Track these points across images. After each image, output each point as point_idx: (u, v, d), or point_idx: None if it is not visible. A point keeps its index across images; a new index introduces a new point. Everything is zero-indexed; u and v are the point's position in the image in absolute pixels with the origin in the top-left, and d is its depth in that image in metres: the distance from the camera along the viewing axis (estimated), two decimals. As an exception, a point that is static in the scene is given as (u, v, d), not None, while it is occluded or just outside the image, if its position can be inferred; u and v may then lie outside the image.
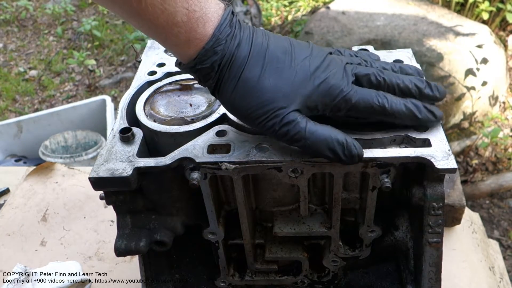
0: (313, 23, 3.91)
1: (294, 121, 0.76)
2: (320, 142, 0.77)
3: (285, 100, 0.76)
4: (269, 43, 0.78)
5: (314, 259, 1.01)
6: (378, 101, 0.79)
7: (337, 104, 0.78)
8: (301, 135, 0.76)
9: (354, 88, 0.79)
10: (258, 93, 0.76)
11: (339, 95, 0.77)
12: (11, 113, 4.23)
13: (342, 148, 0.77)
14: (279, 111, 0.76)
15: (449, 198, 1.25)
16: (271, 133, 0.79)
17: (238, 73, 0.76)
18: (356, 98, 0.78)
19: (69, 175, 1.57)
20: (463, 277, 1.22)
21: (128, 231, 0.92)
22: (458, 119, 3.49)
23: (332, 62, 0.80)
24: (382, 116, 0.80)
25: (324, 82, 0.77)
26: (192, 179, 0.81)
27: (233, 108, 0.80)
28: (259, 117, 0.77)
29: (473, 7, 3.95)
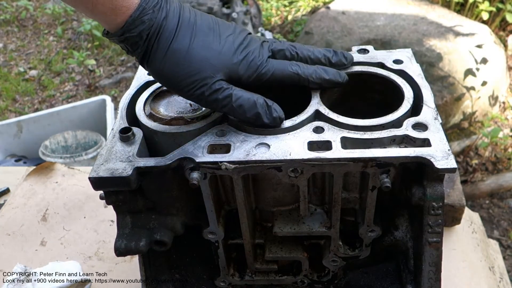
0: (313, 23, 3.91)
1: (221, 88, 0.84)
2: (245, 105, 0.84)
3: (212, 70, 0.83)
4: (196, 19, 0.85)
5: (314, 259, 1.01)
6: (292, 69, 0.89)
7: (258, 75, 0.87)
8: (228, 100, 0.84)
9: (271, 61, 0.89)
10: (187, 63, 0.82)
11: (259, 67, 0.87)
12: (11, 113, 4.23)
13: (265, 111, 0.85)
14: (207, 80, 0.83)
15: (449, 198, 1.25)
16: (200, 101, 0.86)
17: (167, 44, 0.81)
18: (274, 69, 0.88)
19: (69, 175, 1.57)
20: (463, 277, 1.22)
21: (128, 231, 0.92)
22: (458, 119, 3.49)
23: (252, 41, 0.89)
24: (297, 81, 0.90)
25: (246, 57, 0.86)
26: (192, 179, 0.81)
27: (163, 77, 0.85)
28: (188, 85, 0.83)
29: (473, 7, 3.95)
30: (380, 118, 0.86)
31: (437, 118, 0.85)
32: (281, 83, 0.90)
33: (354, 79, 0.99)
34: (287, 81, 0.90)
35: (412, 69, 0.97)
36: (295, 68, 0.90)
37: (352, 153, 0.80)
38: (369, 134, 0.84)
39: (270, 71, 0.88)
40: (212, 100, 0.84)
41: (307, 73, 0.90)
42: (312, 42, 3.78)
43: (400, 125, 0.85)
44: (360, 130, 0.85)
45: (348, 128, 0.85)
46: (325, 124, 0.86)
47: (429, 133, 0.83)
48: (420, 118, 0.86)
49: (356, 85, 1.00)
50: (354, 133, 0.84)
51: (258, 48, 0.88)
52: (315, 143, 0.83)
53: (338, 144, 0.82)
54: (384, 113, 0.87)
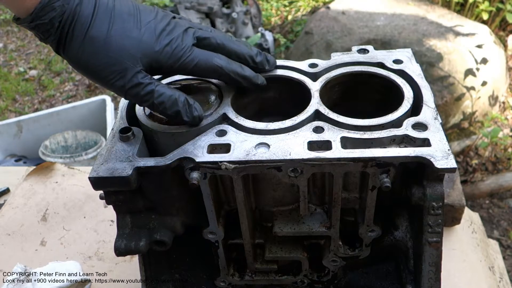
0: (313, 23, 3.91)
1: (143, 83, 0.81)
2: (166, 103, 0.83)
3: (132, 60, 0.80)
4: (114, 4, 0.81)
5: (314, 259, 1.01)
6: (217, 62, 0.86)
7: (181, 64, 0.84)
8: (149, 96, 0.82)
9: (196, 50, 0.85)
10: (105, 52, 0.79)
11: (182, 56, 0.83)
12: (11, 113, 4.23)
13: (185, 110, 0.84)
14: (127, 72, 0.80)
15: (449, 198, 1.25)
16: (121, 93, 0.83)
17: (83, 31, 0.78)
18: (197, 59, 0.85)
19: (69, 175, 1.57)
20: (463, 277, 1.22)
21: (128, 231, 0.92)
22: (458, 119, 3.49)
23: (177, 26, 0.85)
24: (218, 75, 0.88)
25: (169, 45, 0.82)
26: (192, 179, 0.81)
27: (80, 66, 0.82)
28: (107, 76, 0.81)
29: (473, 7, 3.95)
30: (380, 118, 0.86)
31: (437, 118, 0.85)
32: (203, 74, 0.88)
33: (354, 79, 0.99)
34: (209, 72, 0.88)
35: (412, 69, 0.97)
36: (220, 62, 0.87)
37: (352, 153, 0.80)
38: (369, 134, 0.84)
39: (194, 61, 0.85)
40: (133, 94, 0.82)
41: (230, 69, 0.88)
42: (312, 42, 3.78)
43: (400, 125, 0.85)
44: (360, 130, 0.85)
45: (348, 128, 0.85)
46: (325, 124, 0.86)
47: (429, 133, 0.83)
48: (420, 118, 0.86)
49: (356, 85, 1.00)
50: (354, 133, 0.84)
51: (181, 35, 0.85)
52: (315, 143, 0.83)
53: (338, 144, 0.82)
54: (384, 113, 0.87)
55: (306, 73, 0.99)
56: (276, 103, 1.04)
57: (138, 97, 0.83)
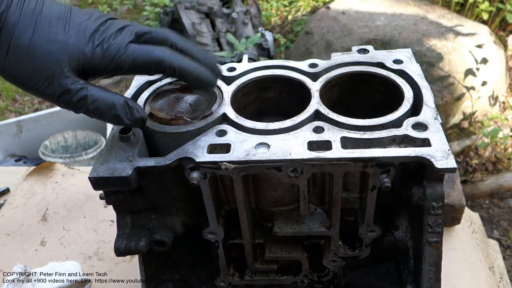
0: (313, 23, 3.91)
1: (73, 89, 0.76)
2: (103, 107, 0.78)
3: (58, 65, 0.75)
4: (42, 9, 0.77)
5: (314, 259, 1.01)
6: (156, 54, 0.79)
7: (116, 64, 0.78)
8: (83, 103, 0.77)
9: (132, 46, 0.79)
10: (29, 59, 0.75)
11: (116, 55, 0.77)
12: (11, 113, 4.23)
13: (125, 112, 0.79)
14: (55, 77, 0.75)
15: (449, 198, 1.25)
16: (54, 101, 0.78)
17: (8, 40, 0.74)
18: (134, 56, 0.78)
19: (69, 175, 1.57)
20: (463, 277, 1.22)
21: (128, 231, 0.92)
22: (458, 119, 3.49)
23: (112, 25, 0.80)
24: (161, 70, 0.80)
25: (100, 45, 0.77)
26: (192, 179, 0.81)
27: (9, 76, 0.78)
28: (35, 84, 0.76)
29: (473, 7, 3.95)
30: (380, 118, 0.86)
31: (437, 118, 0.85)
32: (144, 71, 0.81)
33: (354, 79, 0.99)
34: (150, 68, 0.80)
35: (412, 69, 0.97)
36: (160, 54, 0.79)
37: (352, 153, 0.80)
38: (369, 134, 0.84)
39: (130, 58, 0.78)
40: (65, 102, 0.77)
41: (175, 62, 0.80)
42: (312, 42, 3.78)
43: (400, 125, 0.85)
44: (360, 130, 0.85)
45: (348, 128, 0.85)
46: (325, 124, 0.86)
47: (429, 133, 0.83)
48: (420, 118, 0.86)
49: (356, 85, 1.00)
50: (354, 133, 0.84)
51: (115, 33, 0.79)
52: (315, 143, 0.83)
53: (338, 144, 0.82)
54: (384, 113, 0.87)
55: (306, 73, 0.99)
56: (276, 103, 1.04)
57: (71, 105, 0.77)
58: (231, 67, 1.02)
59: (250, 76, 1.00)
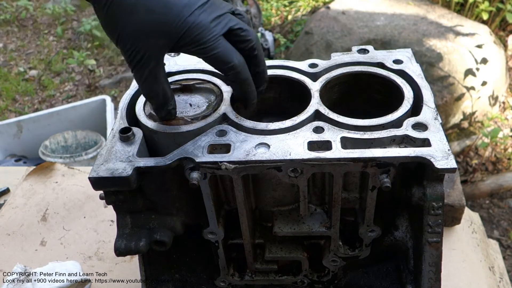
0: (313, 23, 3.91)
1: (155, 65, 0.79)
2: (158, 98, 0.84)
3: (153, 41, 0.77)
4: None
5: (314, 259, 1.01)
6: (234, 61, 0.81)
7: (199, 50, 0.79)
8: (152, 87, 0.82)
9: (221, 41, 0.80)
10: (128, 22, 0.76)
11: (205, 43, 0.78)
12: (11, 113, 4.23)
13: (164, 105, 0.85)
14: (147, 54, 0.77)
15: (449, 198, 1.25)
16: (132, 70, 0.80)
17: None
18: (217, 51, 0.80)
19: (69, 175, 1.57)
20: (463, 277, 1.22)
21: (128, 231, 0.92)
22: (458, 119, 3.49)
23: (213, 7, 0.80)
24: (224, 72, 0.84)
25: (197, 27, 0.77)
26: (192, 179, 0.81)
27: (106, 31, 0.79)
28: (124, 51, 0.78)
29: (473, 7, 3.95)
30: (380, 118, 0.86)
31: (437, 118, 0.85)
32: (213, 64, 0.83)
33: (354, 79, 0.99)
34: (218, 66, 0.83)
35: (412, 69, 0.97)
36: (235, 62, 0.82)
37: (352, 153, 0.80)
38: (369, 134, 0.84)
39: (212, 51, 0.80)
40: (139, 77, 0.81)
41: (241, 73, 0.83)
42: (312, 42, 3.78)
43: (400, 125, 0.85)
44: (360, 130, 0.85)
45: (348, 128, 0.85)
46: (325, 124, 0.86)
47: (429, 133, 0.83)
48: (420, 118, 0.86)
49: (356, 85, 1.00)
50: (354, 133, 0.84)
51: (213, 19, 0.79)
52: (315, 143, 0.83)
53: (338, 144, 0.82)
54: (384, 113, 0.87)
55: (306, 73, 0.99)
56: (276, 103, 1.04)
57: (142, 79, 0.81)
58: (231, 67, 1.02)
59: (250, 76, 0.99)
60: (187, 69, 1.03)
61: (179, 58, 1.07)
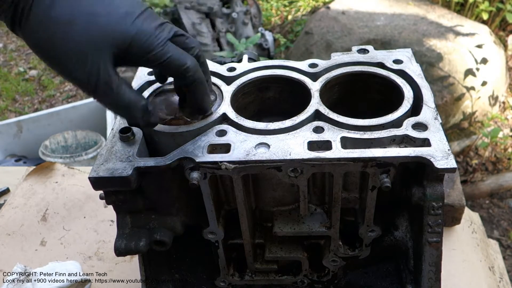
0: (313, 23, 3.91)
1: (112, 83, 0.73)
2: (126, 106, 0.77)
3: (98, 52, 0.71)
4: None
5: (314, 259, 1.01)
6: (189, 64, 0.78)
7: (151, 57, 0.75)
8: (112, 99, 0.75)
9: (170, 45, 0.77)
10: (64, 37, 0.69)
11: (155, 48, 0.75)
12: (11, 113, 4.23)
13: (143, 115, 0.79)
14: (92, 67, 0.71)
15: (449, 198, 1.25)
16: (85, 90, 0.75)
17: (44, 10, 0.69)
18: (170, 55, 0.76)
19: (69, 175, 1.57)
20: (463, 277, 1.22)
21: (128, 231, 0.92)
22: (458, 119, 3.49)
23: (152, 16, 0.77)
24: (181, 78, 0.80)
25: (143, 32, 0.74)
26: (192, 179, 0.81)
27: (40, 49, 0.72)
28: (65, 69, 0.72)
29: (473, 7, 3.95)
30: (380, 118, 0.86)
31: (437, 118, 0.85)
32: (168, 71, 0.81)
33: (354, 79, 0.99)
34: (174, 71, 0.79)
35: (412, 69, 0.97)
36: (190, 63, 0.78)
37: (352, 153, 0.80)
38: (369, 134, 0.84)
39: (165, 56, 0.76)
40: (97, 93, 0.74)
41: (197, 76, 0.80)
42: (312, 42, 3.78)
43: (400, 125, 0.85)
44: (360, 130, 0.85)
45: (348, 128, 0.85)
46: (325, 124, 0.86)
47: (429, 133, 0.83)
48: (420, 118, 0.86)
49: (356, 85, 1.00)
50: (354, 133, 0.84)
51: (157, 26, 0.76)
52: (315, 143, 0.83)
53: (338, 144, 0.82)
54: (384, 113, 0.87)
55: (306, 73, 0.99)
56: (276, 103, 1.04)
57: (99, 96, 0.74)
58: (231, 67, 1.02)
59: (250, 76, 1.00)
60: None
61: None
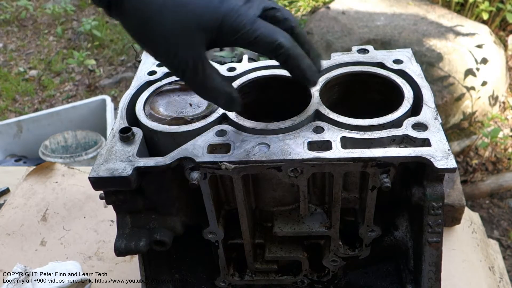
0: (313, 23, 3.91)
1: (199, 67, 0.73)
2: (210, 92, 0.77)
3: (188, 36, 0.71)
4: None
5: (314, 259, 1.01)
6: (280, 40, 0.74)
7: (240, 37, 0.73)
8: (200, 82, 0.75)
9: (259, 21, 0.74)
10: (157, 21, 0.70)
11: (244, 28, 0.72)
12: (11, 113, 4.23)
13: (227, 100, 0.79)
14: (184, 51, 0.72)
15: (449, 198, 1.25)
16: (175, 73, 0.76)
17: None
18: (259, 32, 0.73)
19: (69, 175, 1.57)
20: (463, 277, 1.22)
21: (128, 231, 0.92)
22: (458, 119, 3.49)
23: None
24: (275, 55, 0.76)
25: (232, 13, 0.72)
26: (192, 179, 0.81)
27: (131, 34, 0.73)
28: (157, 52, 0.73)
29: (473, 7, 3.95)
30: (380, 118, 0.86)
31: (437, 118, 0.85)
32: (260, 49, 0.76)
33: (354, 79, 0.99)
34: (266, 49, 0.75)
35: (412, 69, 0.97)
36: (282, 40, 0.74)
37: (352, 153, 0.80)
38: (369, 134, 0.84)
39: (254, 34, 0.73)
40: (187, 79, 0.75)
41: (291, 52, 0.75)
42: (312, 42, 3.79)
43: (400, 125, 0.85)
44: (360, 130, 0.85)
45: (348, 128, 0.85)
46: (325, 124, 0.86)
47: (429, 133, 0.83)
48: (420, 118, 0.86)
49: (356, 85, 1.00)
50: (354, 133, 0.84)
51: (244, 2, 0.73)
52: (315, 143, 0.83)
53: (338, 144, 0.82)
54: (384, 113, 0.87)
55: (306, 73, 0.99)
56: (276, 103, 1.04)
57: (188, 80, 0.74)
58: (231, 67, 1.02)
59: (250, 76, 1.00)
60: (187, 69, 1.03)
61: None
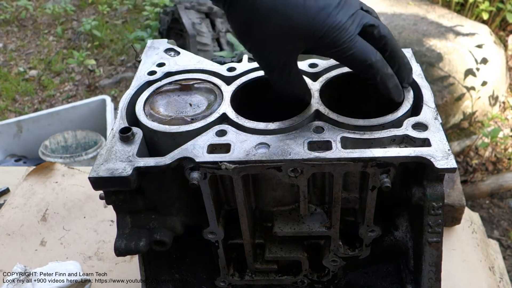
0: (313, 23, 3.91)
1: (288, 71, 0.80)
2: (290, 96, 0.86)
3: (289, 47, 0.76)
4: None
5: (314, 259, 1.01)
6: (372, 60, 0.78)
7: (336, 52, 0.77)
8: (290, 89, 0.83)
9: (357, 39, 0.77)
10: (262, 26, 0.73)
11: (342, 44, 0.75)
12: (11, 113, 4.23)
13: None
14: (285, 63, 0.78)
15: (449, 198, 1.25)
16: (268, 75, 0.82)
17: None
18: (355, 49, 0.76)
19: (69, 175, 1.57)
20: (463, 277, 1.22)
21: (128, 230, 0.92)
22: (458, 119, 3.49)
23: (346, 6, 0.76)
24: (363, 73, 0.80)
25: (334, 30, 0.74)
26: (192, 179, 0.81)
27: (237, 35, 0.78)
28: (261, 56, 0.79)
29: (473, 7, 3.95)
30: (380, 118, 0.86)
31: (437, 118, 0.85)
32: (350, 65, 0.81)
33: (354, 79, 0.99)
34: (356, 66, 0.80)
35: (412, 69, 0.97)
36: (373, 60, 0.78)
37: (352, 153, 0.80)
38: (369, 134, 0.84)
39: (349, 51, 0.76)
40: (277, 84, 0.82)
41: (380, 72, 0.79)
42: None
43: (400, 125, 0.85)
44: (360, 130, 0.85)
45: (348, 128, 0.85)
46: (325, 124, 0.86)
47: (429, 133, 0.83)
48: (420, 118, 0.86)
49: (356, 85, 1.00)
50: (354, 133, 0.84)
51: (347, 19, 0.75)
52: (315, 143, 0.83)
53: (338, 144, 0.82)
54: (384, 113, 0.87)
55: (306, 73, 0.99)
56: (276, 103, 1.04)
57: (281, 87, 0.83)
58: (231, 67, 1.02)
59: (250, 76, 1.00)
60: (187, 69, 1.03)
61: (179, 58, 1.07)
